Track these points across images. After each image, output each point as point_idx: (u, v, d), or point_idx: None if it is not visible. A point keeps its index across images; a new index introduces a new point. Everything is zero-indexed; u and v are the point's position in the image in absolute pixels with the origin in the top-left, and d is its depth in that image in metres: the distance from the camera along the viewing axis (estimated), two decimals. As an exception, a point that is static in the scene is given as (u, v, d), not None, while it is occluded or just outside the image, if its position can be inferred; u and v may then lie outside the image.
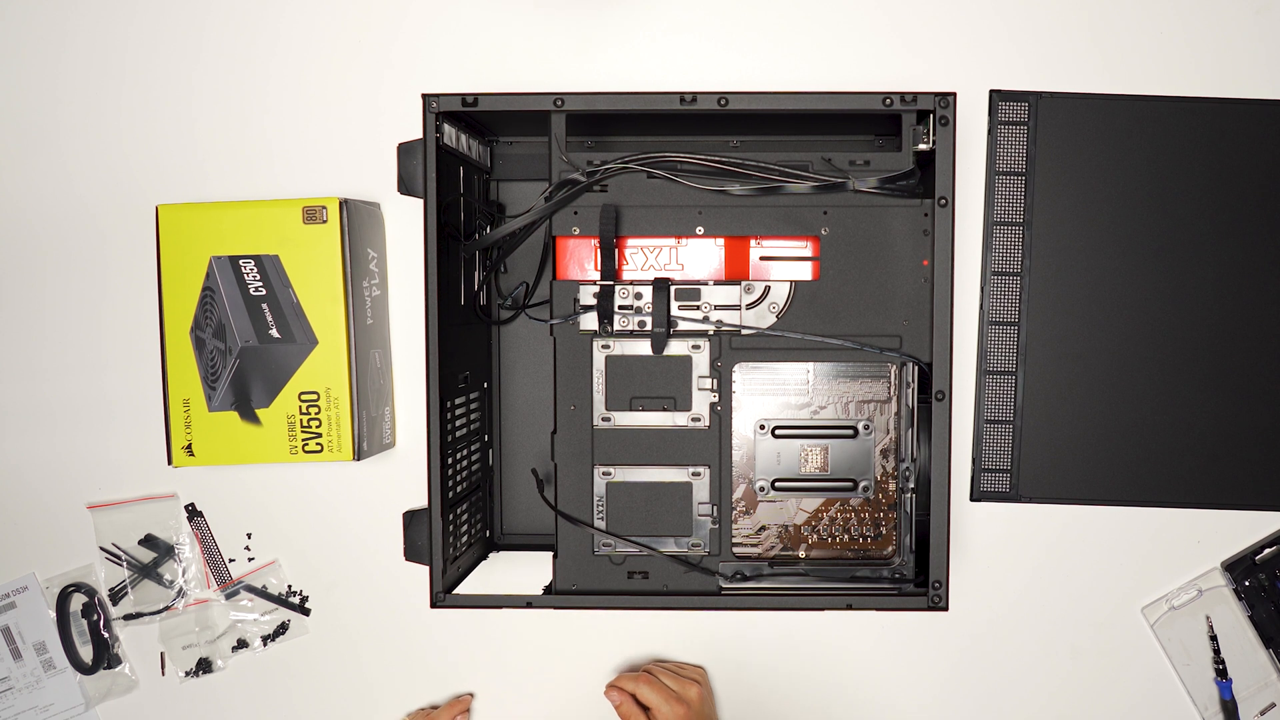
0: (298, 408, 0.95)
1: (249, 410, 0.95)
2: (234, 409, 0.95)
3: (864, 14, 1.01)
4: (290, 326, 0.95)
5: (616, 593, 0.91)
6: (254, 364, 0.95)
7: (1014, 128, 1.00)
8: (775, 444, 0.92)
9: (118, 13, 1.03)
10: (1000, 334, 1.01)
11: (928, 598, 0.87)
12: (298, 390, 0.95)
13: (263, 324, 0.95)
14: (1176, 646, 1.02)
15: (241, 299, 0.95)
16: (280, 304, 0.95)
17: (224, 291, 0.95)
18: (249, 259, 0.94)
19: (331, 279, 0.94)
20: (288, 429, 0.95)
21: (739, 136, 0.97)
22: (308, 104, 1.03)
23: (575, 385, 0.91)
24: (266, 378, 0.95)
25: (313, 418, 0.95)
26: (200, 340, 0.95)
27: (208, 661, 1.06)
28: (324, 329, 0.95)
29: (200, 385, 0.95)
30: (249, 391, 0.95)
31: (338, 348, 0.95)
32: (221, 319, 0.95)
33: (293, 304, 0.95)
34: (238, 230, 0.94)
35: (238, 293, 0.95)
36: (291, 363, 0.95)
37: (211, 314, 0.95)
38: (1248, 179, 0.99)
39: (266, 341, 0.95)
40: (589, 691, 1.05)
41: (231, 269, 0.94)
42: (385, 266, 1.03)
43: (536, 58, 1.02)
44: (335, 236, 0.94)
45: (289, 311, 0.95)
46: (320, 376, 0.95)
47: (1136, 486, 1.01)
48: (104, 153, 1.04)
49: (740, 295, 0.90)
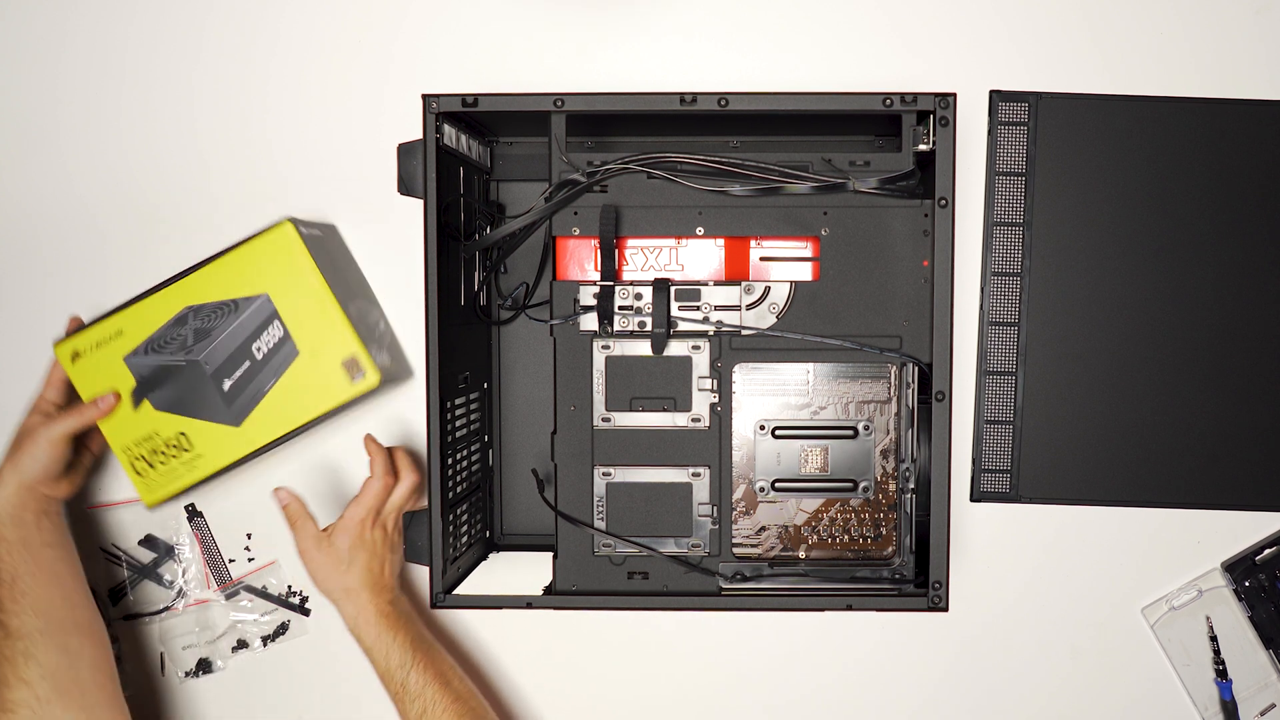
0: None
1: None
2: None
3: (864, 14, 1.01)
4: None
5: (616, 593, 0.91)
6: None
7: (1014, 128, 1.00)
8: (775, 444, 0.92)
9: (118, 13, 1.03)
10: (1000, 334, 1.01)
11: (928, 598, 0.87)
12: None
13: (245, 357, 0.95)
14: (1176, 647, 1.02)
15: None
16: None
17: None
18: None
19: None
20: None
21: (739, 137, 0.97)
22: (308, 104, 1.03)
23: (575, 385, 0.91)
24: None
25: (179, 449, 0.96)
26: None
27: (208, 662, 1.06)
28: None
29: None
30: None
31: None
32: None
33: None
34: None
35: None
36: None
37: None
38: (1248, 179, 0.99)
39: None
40: (589, 692, 1.05)
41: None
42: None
43: (536, 58, 1.02)
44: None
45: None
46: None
47: (1136, 487, 1.01)
48: (104, 153, 1.04)
49: (740, 296, 0.90)
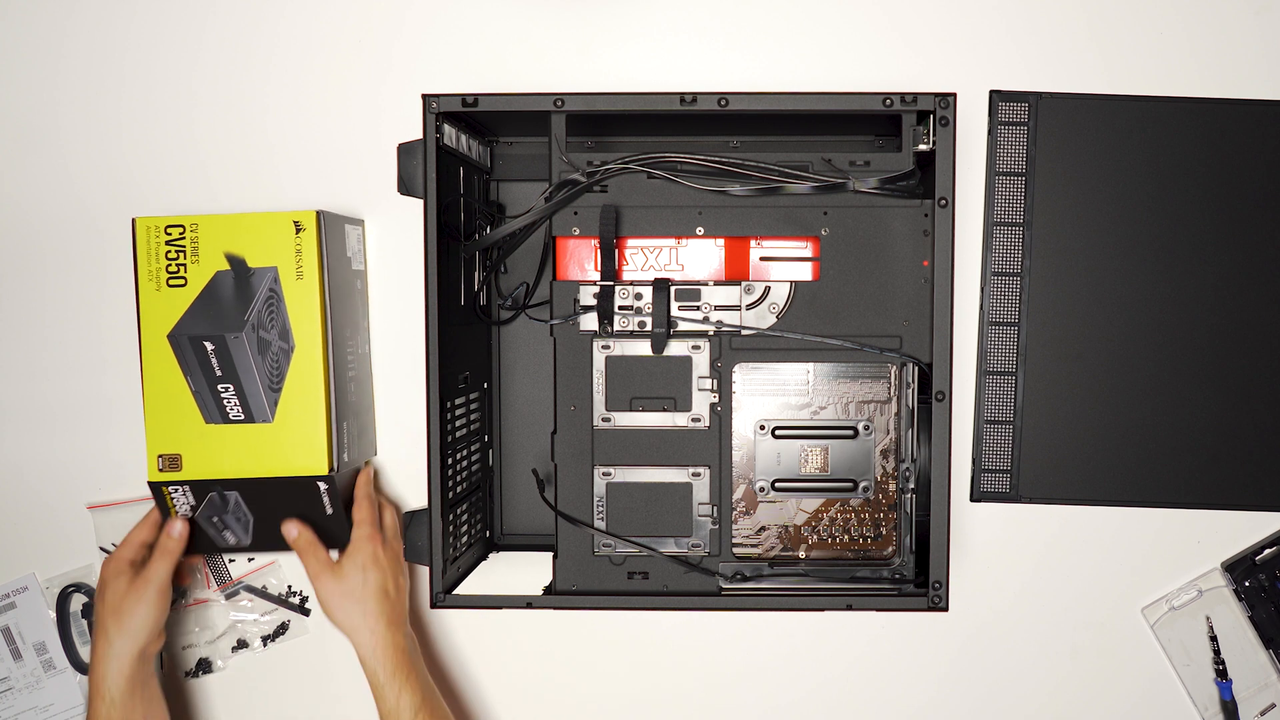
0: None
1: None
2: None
3: (864, 14, 1.01)
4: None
5: (616, 593, 0.91)
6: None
7: (1014, 128, 1.00)
8: (775, 444, 0.92)
9: (118, 13, 1.03)
10: (1000, 334, 1.01)
11: (928, 598, 0.87)
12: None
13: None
14: (1176, 647, 1.02)
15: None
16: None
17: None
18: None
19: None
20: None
21: (739, 137, 0.97)
22: (308, 104, 1.03)
23: (575, 385, 0.91)
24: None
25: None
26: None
27: (208, 661, 1.06)
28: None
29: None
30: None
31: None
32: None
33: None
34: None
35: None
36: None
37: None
38: (1248, 179, 0.99)
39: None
40: (589, 691, 1.05)
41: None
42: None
43: (536, 58, 1.02)
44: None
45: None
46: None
47: (1136, 486, 1.01)
48: (104, 153, 1.04)
49: (740, 296, 0.90)
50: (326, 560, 0.93)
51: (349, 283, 0.98)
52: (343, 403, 0.95)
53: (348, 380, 0.97)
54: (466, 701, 1.06)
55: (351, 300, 0.99)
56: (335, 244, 0.95)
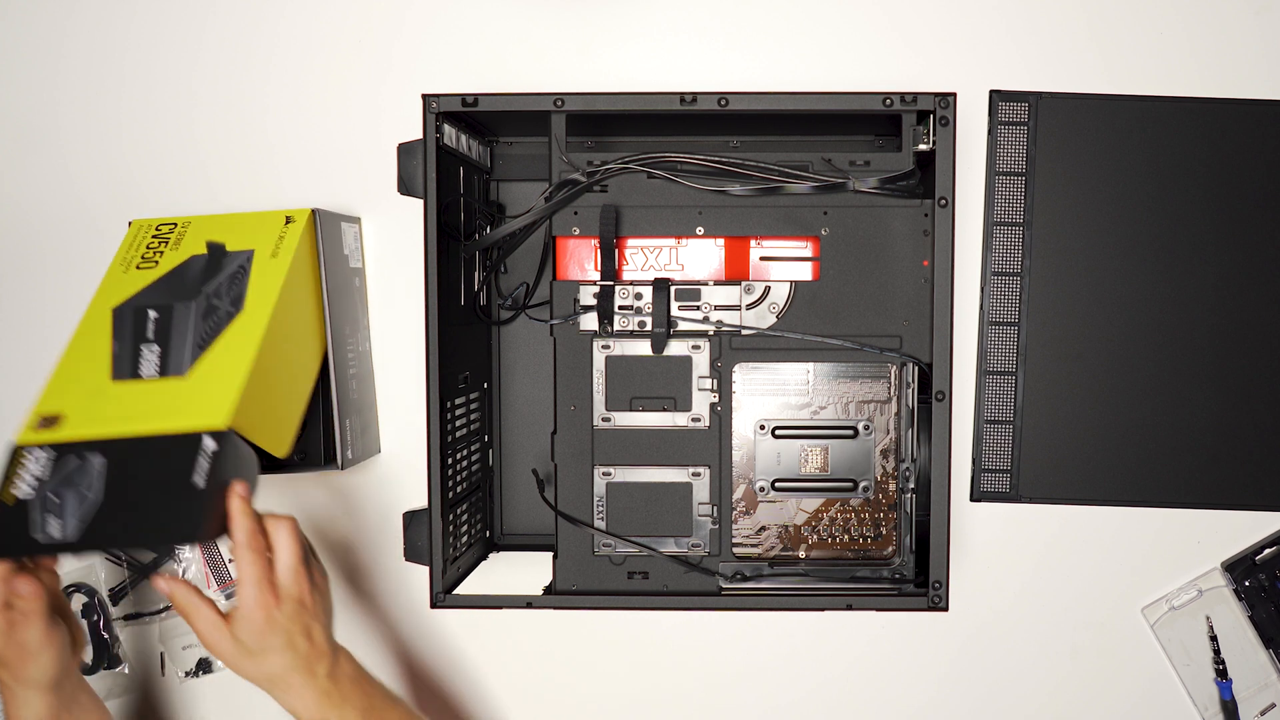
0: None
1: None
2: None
3: (864, 14, 1.01)
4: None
5: (616, 593, 0.91)
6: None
7: (1014, 128, 1.00)
8: (775, 444, 0.92)
9: (118, 13, 1.03)
10: (1000, 334, 1.01)
11: (928, 598, 0.87)
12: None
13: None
14: (1176, 647, 1.02)
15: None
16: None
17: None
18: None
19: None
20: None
21: (739, 137, 0.97)
22: (307, 104, 1.03)
23: (575, 385, 0.91)
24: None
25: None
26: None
27: (208, 662, 1.06)
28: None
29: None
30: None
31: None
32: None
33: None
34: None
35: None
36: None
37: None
38: (1248, 179, 0.99)
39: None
40: (589, 691, 1.05)
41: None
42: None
43: (536, 58, 1.02)
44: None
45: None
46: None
47: (1136, 486, 1.01)
48: (104, 153, 1.04)
49: (740, 295, 0.90)
50: (215, 619, 0.79)
51: (346, 280, 0.98)
52: (345, 399, 0.95)
53: (349, 377, 0.97)
54: (466, 701, 1.06)
55: (349, 297, 0.99)
56: (332, 241, 0.95)
